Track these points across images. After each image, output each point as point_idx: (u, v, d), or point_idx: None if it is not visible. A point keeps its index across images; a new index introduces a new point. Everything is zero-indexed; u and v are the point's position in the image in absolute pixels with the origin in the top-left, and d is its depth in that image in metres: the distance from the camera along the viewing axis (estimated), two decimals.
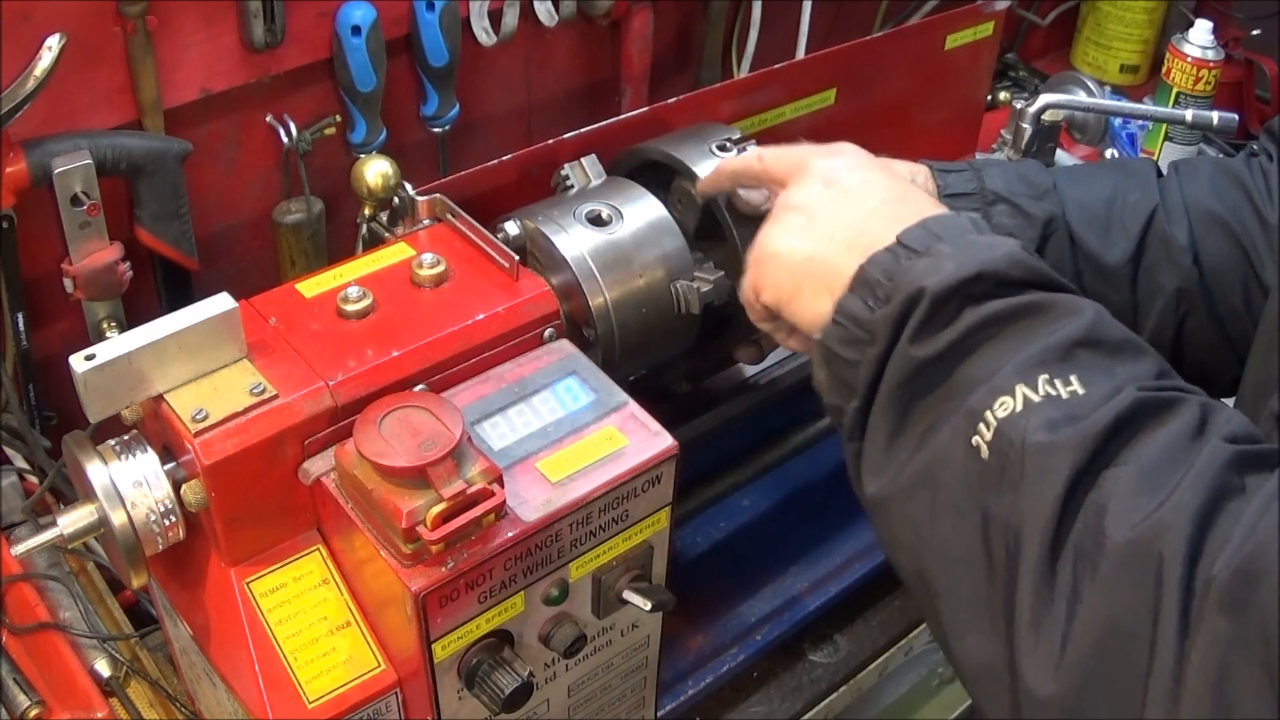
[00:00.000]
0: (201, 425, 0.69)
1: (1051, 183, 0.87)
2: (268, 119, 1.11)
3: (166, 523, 0.72)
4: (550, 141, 0.94)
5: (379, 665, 0.73)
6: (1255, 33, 1.62)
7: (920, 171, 0.88)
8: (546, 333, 0.81)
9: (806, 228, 0.71)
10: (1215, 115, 1.25)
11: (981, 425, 0.57)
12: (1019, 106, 1.32)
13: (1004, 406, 0.57)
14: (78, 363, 0.67)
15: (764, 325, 0.79)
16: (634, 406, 0.77)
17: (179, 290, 1.09)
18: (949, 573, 0.59)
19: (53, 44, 0.91)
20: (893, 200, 0.70)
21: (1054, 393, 0.57)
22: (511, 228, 0.85)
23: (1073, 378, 0.57)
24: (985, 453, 0.57)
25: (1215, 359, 0.85)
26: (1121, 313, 0.81)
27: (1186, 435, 0.55)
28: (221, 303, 0.71)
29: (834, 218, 0.70)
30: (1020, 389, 0.57)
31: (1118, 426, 0.55)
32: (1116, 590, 0.51)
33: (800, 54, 1.42)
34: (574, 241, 0.84)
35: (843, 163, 0.74)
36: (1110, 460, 0.54)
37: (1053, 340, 0.59)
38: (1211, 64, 1.50)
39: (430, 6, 1.12)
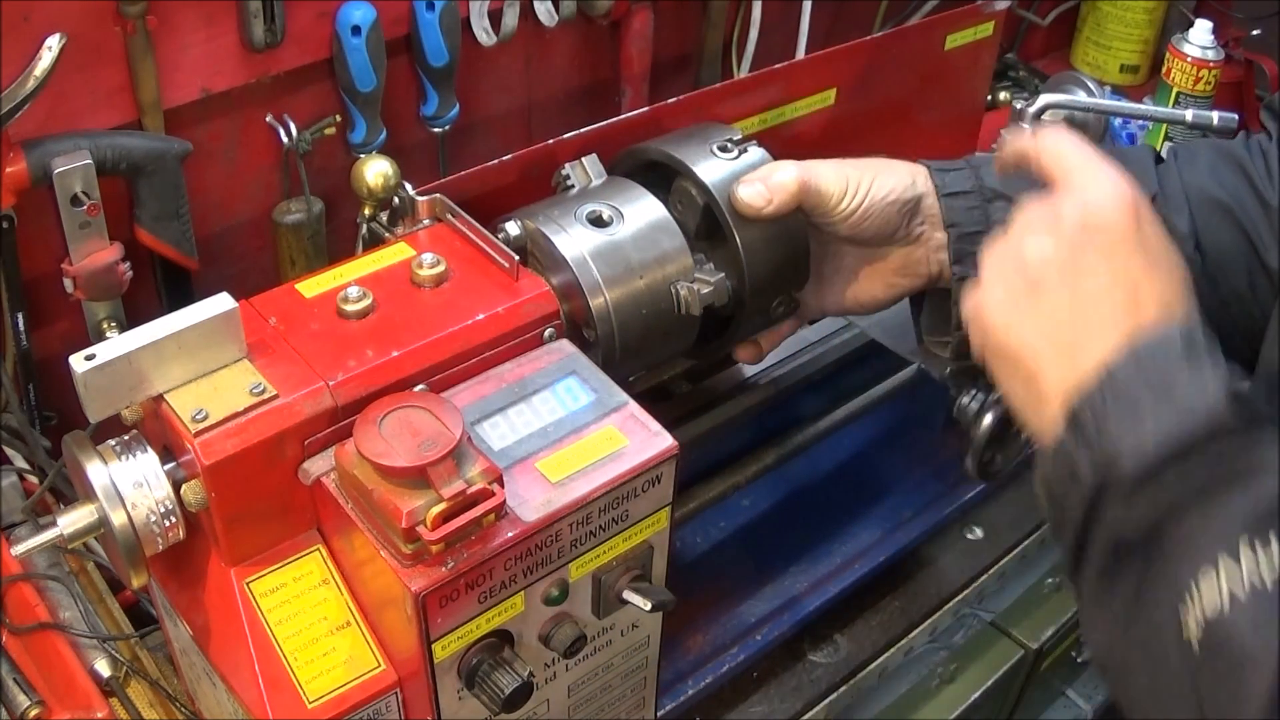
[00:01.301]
0: (201, 425, 0.69)
1: None
2: (268, 119, 1.11)
3: (166, 523, 0.72)
4: (550, 141, 0.94)
5: (379, 665, 0.73)
6: (1255, 33, 1.62)
7: (919, 172, 0.88)
8: (546, 333, 0.81)
9: (1028, 305, 0.68)
10: (1215, 115, 1.25)
11: (1191, 621, 0.57)
12: (1019, 106, 1.32)
13: (1208, 595, 0.56)
14: (78, 363, 0.67)
15: None
16: (634, 406, 0.77)
17: (179, 290, 1.09)
18: None
19: (53, 44, 0.91)
20: (1113, 320, 0.65)
21: (1255, 568, 0.56)
22: (512, 228, 0.85)
23: (1273, 537, 0.56)
24: (1196, 647, 0.57)
25: (1223, 345, 0.85)
26: None
27: None
28: (221, 303, 0.71)
29: (1055, 306, 0.66)
30: (1224, 561, 0.56)
31: None
32: None
33: (800, 54, 1.42)
34: (574, 242, 0.84)
35: (1096, 227, 0.68)
36: None
37: (1261, 505, 0.58)
38: (1211, 64, 1.50)
39: (430, 6, 1.12)
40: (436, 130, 1.21)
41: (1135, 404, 0.61)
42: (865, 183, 0.87)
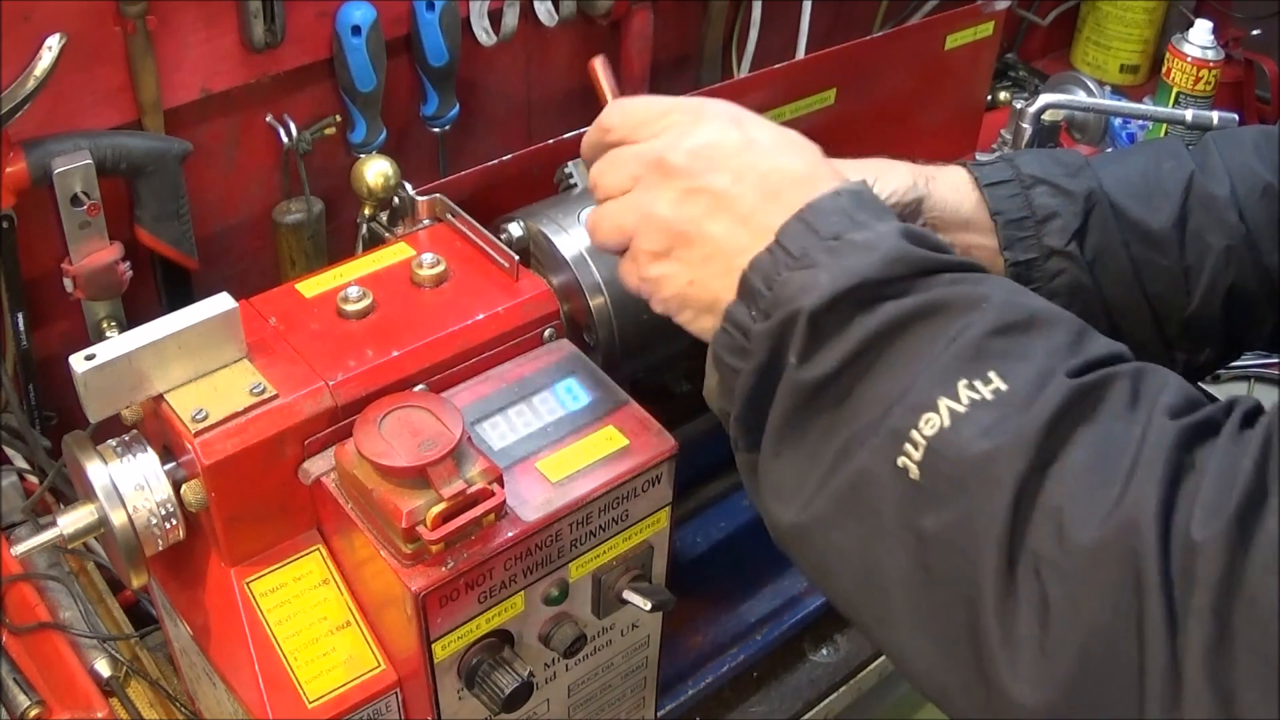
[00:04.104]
0: (201, 425, 0.69)
1: (1084, 161, 0.87)
2: (268, 119, 1.11)
3: (167, 523, 0.72)
4: (550, 141, 0.94)
5: (379, 665, 0.73)
6: (1255, 33, 1.62)
7: (921, 173, 0.88)
8: (546, 333, 0.81)
9: (679, 250, 0.67)
10: (1215, 115, 1.25)
11: (908, 445, 0.54)
12: (1019, 106, 1.32)
13: (930, 424, 0.54)
14: (78, 363, 0.67)
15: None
16: (634, 406, 0.77)
17: (179, 290, 1.09)
18: (887, 600, 0.57)
19: (53, 44, 0.91)
20: (768, 198, 0.65)
21: (978, 396, 0.54)
22: (515, 229, 0.85)
23: (991, 374, 0.54)
24: (916, 473, 0.54)
25: (1259, 312, 0.84)
26: (1172, 277, 0.81)
27: (1124, 414, 0.53)
28: (221, 303, 0.71)
29: (707, 238, 0.66)
30: (942, 402, 0.54)
31: (1055, 422, 0.52)
32: (1092, 593, 0.49)
33: (800, 54, 1.42)
34: (575, 242, 0.84)
35: (707, 149, 0.67)
36: (1052, 458, 0.52)
37: (961, 340, 0.56)
38: (1211, 64, 1.50)
39: (430, 6, 1.12)
40: (436, 130, 1.21)
41: (806, 253, 0.60)
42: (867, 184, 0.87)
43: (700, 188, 0.66)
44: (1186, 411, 0.53)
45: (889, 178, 0.86)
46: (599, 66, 0.83)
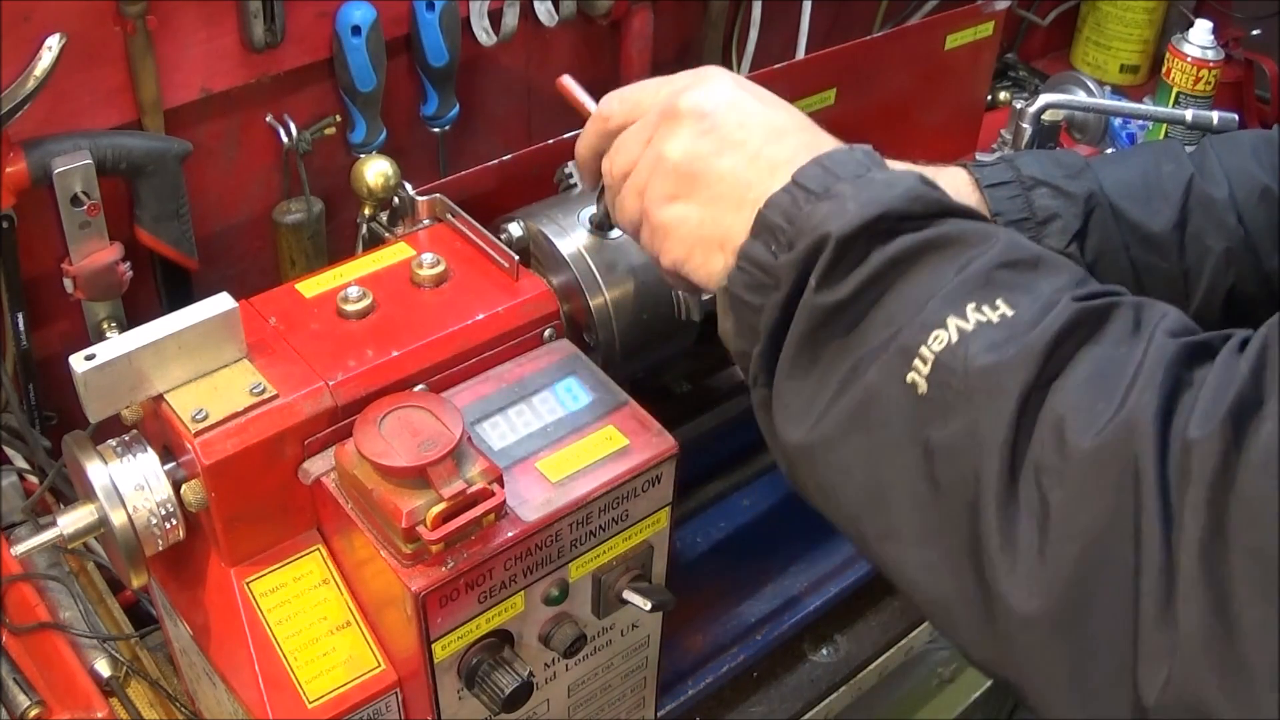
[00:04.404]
0: (201, 425, 0.69)
1: (1085, 163, 0.87)
2: (268, 119, 1.11)
3: (167, 523, 0.72)
4: (550, 141, 0.94)
5: (379, 665, 0.73)
6: (1255, 33, 1.62)
7: (952, 172, 0.88)
8: (546, 333, 0.81)
9: (690, 190, 0.69)
10: (1215, 115, 1.25)
11: (917, 361, 0.56)
12: (1019, 106, 1.32)
13: (938, 340, 0.56)
14: (78, 363, 0.67)
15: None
16: (634, 406, 0.77)
17: (179, 290, 1.09)
18: (891, 513, 0.58)
19: (53, 44, 0.91)
20: (774, 138, 0.68)
21: (984, 318, 0.56)
22: (515, 229, 0.85)
23: (999, 301, 0.56)
24: (924, 388, 0.56)
25: (1259, 315, 0.84)
26: (1172, 280, 0.82)
27: (1127, 338, 0.54)
28: (221, 303, 0.71)
29: (717, 175, 0.68)
30: (952, 320, 0.56)
31: (1060, 339, 0.54)
32: (1090, 497, 0.50)
33: (800, 54, 1.42)
34: (575, 242, 0.84)
35: (712, 98, 0.70)
36: (1057, 373, 0.53)
37: (971, 269, 0.58)
38: (1211, 64, 1.50)
39: (430, 6, 1.12)
40: (436, 130, 1.21)
41: (829, 189, 0.62)
42: None
43: (708, 129, 0.69)
44: (1187, 334, 0.54)
45: None
46: (569, 83, 0.84)
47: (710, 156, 0.68)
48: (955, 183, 0.87)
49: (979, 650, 0.56)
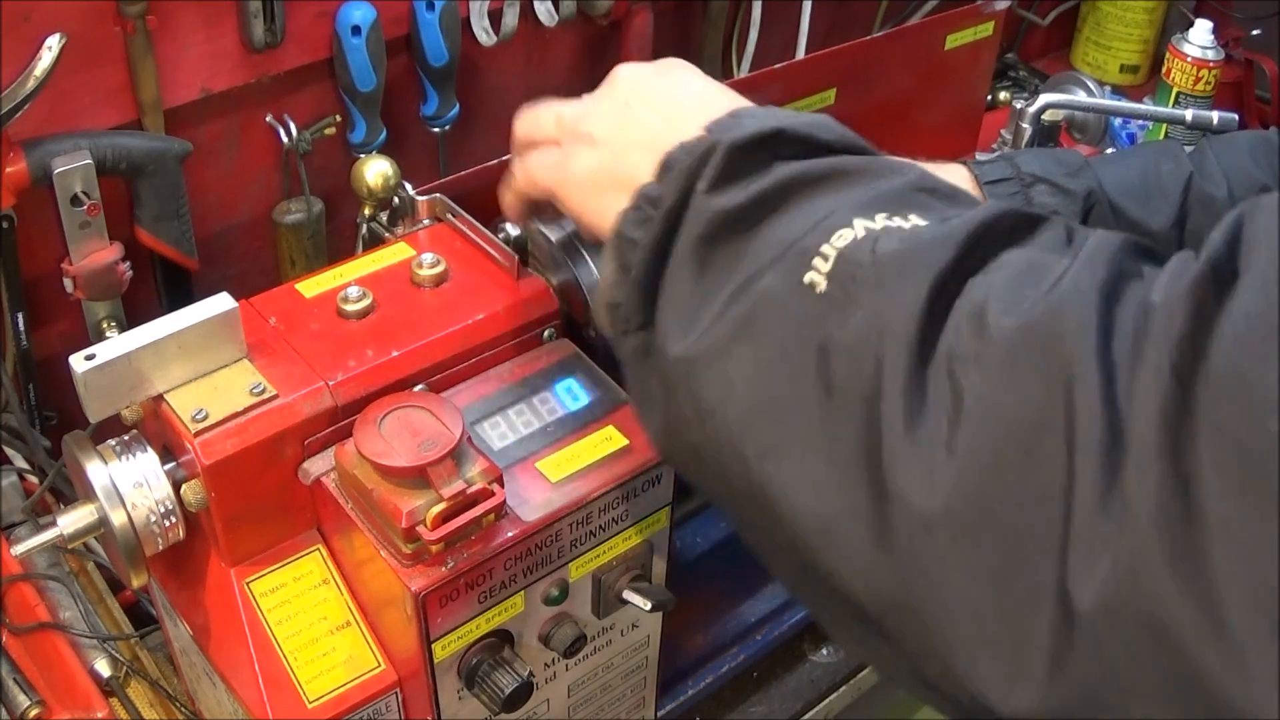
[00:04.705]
0: (201, 425, 0.69)
1: (1084, 161, 0.88)
2: (268, 119, 1.11)
3: (166, 523, 0.72)
4: None
5: (379, 665, 0.73)
6: (1255, 33, 1.62)
7: (953, 169, 0.88)
8: (546, 333, 0.81)
9: (605, 140, 0.66)
10: (1215, 115, 1.25)
11: (817, 260, 0.51)
12: (1019, 106, 1.31)
13: (842, 238, 0.51)
14: (78, 363, 0.67)
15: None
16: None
17: (179, 290, 1.09)
18: (776, 427, 0.51)
19: (53, 44, 0.91)
20: (701, 103, 0.64)
21: (894, 225, 0.51)
22: (511, 228, 0.85)
23: (912, 215, 0.51)
24: (824, 286, 0.50)
25: None
26: None
27: (1058, 246, 0.49)
28: (221, 303, 0.71)
29: (636, 123, 0.65)
30: (859, 222, 0.51)
31: (982, 232, 0.48)
32: (1014, 381, 0.44)
33: (800, 54, 1.42)
34: (574, 241, 0.84)
35: (638, 72, 0.68)
36: (977, 268, 0.48)
37: (883, 187, 0.53)
38: (1211, 64, 1.50)
39: (430, 6, 1.12)
40: (436, 130, 1.21)
41: (735, 122, 0.58)
42: None
43: (633, 94, 0.67)
44: (1133, 239, 0.49)
45: None
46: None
47: (638, 108, 0.66)
48: (955, 179, 0.87)
49: (867, 576, 0.48)
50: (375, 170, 0.89)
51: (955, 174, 0.87)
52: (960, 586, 0.44)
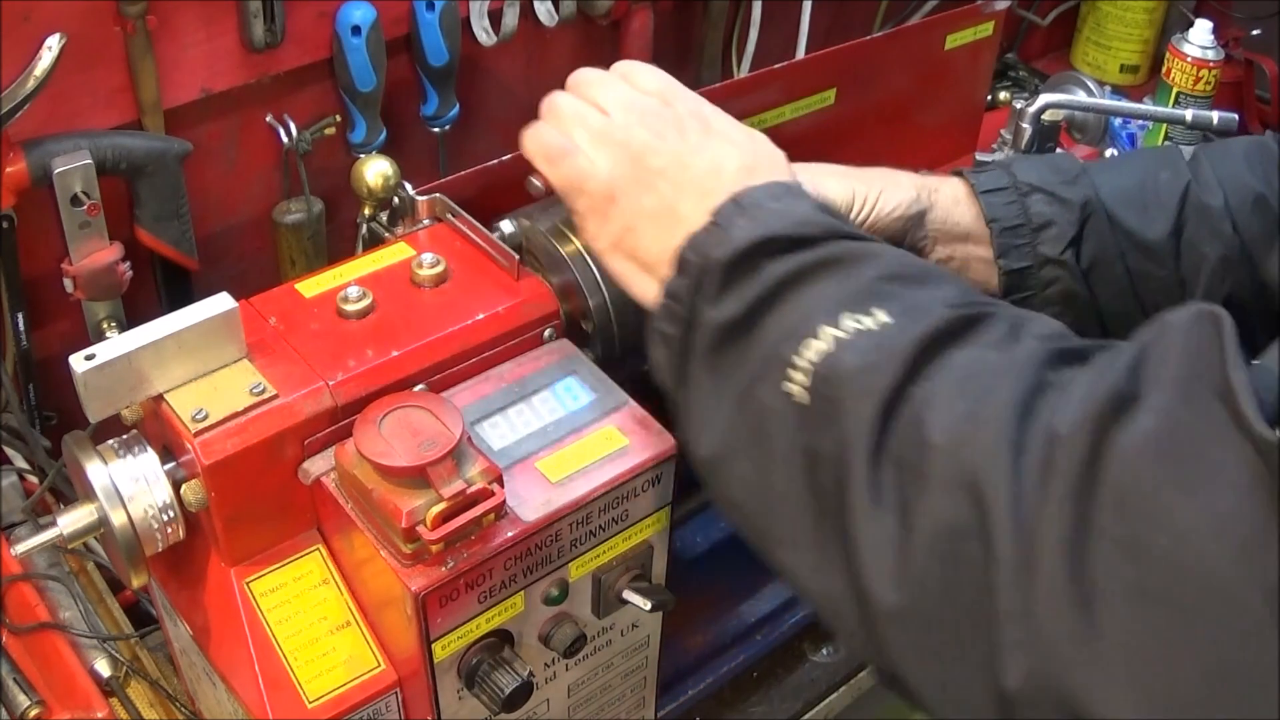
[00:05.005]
0: (201, 425, 0.69)
1: (1081, 168, 0.87)
2: (268, 119, 1.11)
3: (166, 523, 0.72)
4: None
5: (379, 665, 0.73)
6: (1255, 33, 1.62)
7: (925, 185, 0.88)
8: (546, 332, 0.81)
9: (617, 213, 0.71)
10: (1215, 115, 1.25)
11: (791, 370, 0.58)
12: (1019, 106, 1.32)
13: (813, 350, 0.58)
14: (78, 363, 0.67)
15: None
16: (634, 406, 0.77)
17: (179, 290, 1.09)
18: (784, 522, 0.60)
19: (53, 44, 0.91)
20: (701, 173, 0.70)
21: (861, 326, 0.58)
22: (507, 226, 0.85)
23: (875, 309, 0.58)
24: (806, 399, 0.58)
25: (1254, 325, 0.84)
26: (1168, 288, 0.83)
27: (998, 342, 0.55)
28: (221, 303, 0.71)
29: (653, 190, 0.70)
30: (826, 329, 0.58)
31: (927, 343, 0.55)
32: (943, 492, 0.51)
33: (800, 54, 1.42)
34: (574, 242, 0.84)
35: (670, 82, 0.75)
36: (921, 375, 0.55)
37: (853, 282, 0.60)
38: (1211, 64, 1.50)
39: (430, 6, 1.12)
40: (436, 130, 1.21)
41: (730, 224, 0.64)
42: (872, 197, 0.86)
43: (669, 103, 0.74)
44: (1061, 340, 0.55)
45: (892, 191, 0.86)
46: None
47: (640, 186, 0.71)
48: (954, 192, 0.87)
49: (862, 647, 0.58)
50: (375, 170, 0.89)
51: (954, 187, 0.87)
52: (924, 665, 0.54)
